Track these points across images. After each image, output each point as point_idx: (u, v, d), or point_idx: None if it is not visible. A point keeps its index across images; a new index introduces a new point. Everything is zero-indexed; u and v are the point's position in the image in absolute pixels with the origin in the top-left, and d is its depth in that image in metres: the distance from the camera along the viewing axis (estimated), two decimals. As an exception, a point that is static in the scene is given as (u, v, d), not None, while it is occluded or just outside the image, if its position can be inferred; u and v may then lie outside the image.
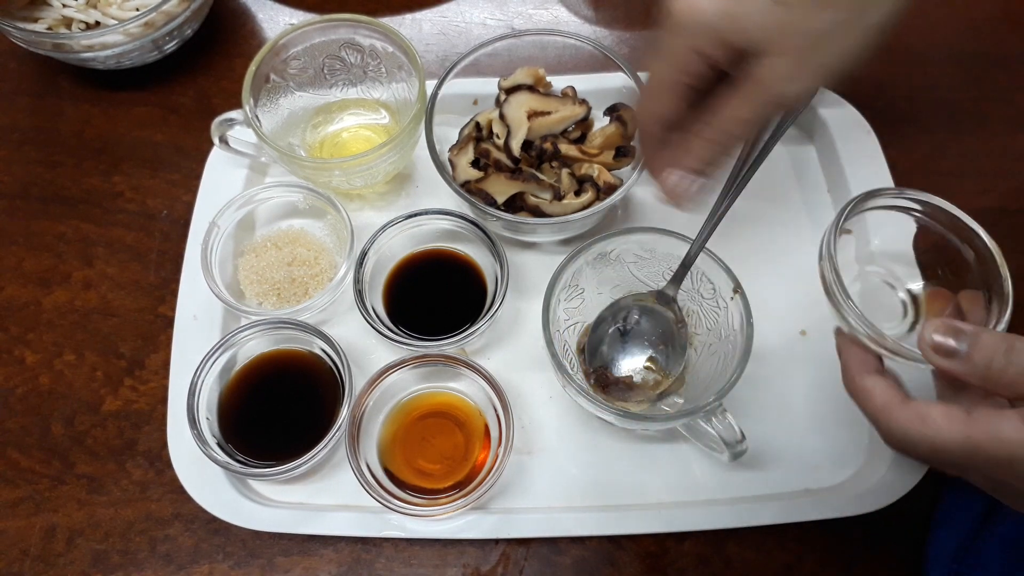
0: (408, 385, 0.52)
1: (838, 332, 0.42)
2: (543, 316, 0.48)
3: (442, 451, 0.51)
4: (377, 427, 0.51)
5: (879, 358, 0.40)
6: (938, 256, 0.47)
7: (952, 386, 0.40)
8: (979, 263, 0.45)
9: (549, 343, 0.47)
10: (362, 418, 0.49)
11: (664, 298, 0.52)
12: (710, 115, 0.39)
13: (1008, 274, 0.43)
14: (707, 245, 0.49)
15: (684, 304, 0.53)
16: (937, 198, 0.46)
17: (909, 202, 0.46)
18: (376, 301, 0.55)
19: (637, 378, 0.52)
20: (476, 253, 0.57)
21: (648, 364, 0.53)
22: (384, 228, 0.55)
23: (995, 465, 0.32)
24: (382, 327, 0.52)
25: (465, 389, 0.53)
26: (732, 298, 0.49)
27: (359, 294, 0.53)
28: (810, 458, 0.51)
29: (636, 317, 0.53)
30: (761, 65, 0.36)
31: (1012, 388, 0.33)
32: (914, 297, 0.48)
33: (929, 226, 0.46)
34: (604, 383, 0.52)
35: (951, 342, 0.35)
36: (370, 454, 0.50)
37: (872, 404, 0.37)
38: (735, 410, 0.46)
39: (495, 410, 0.50)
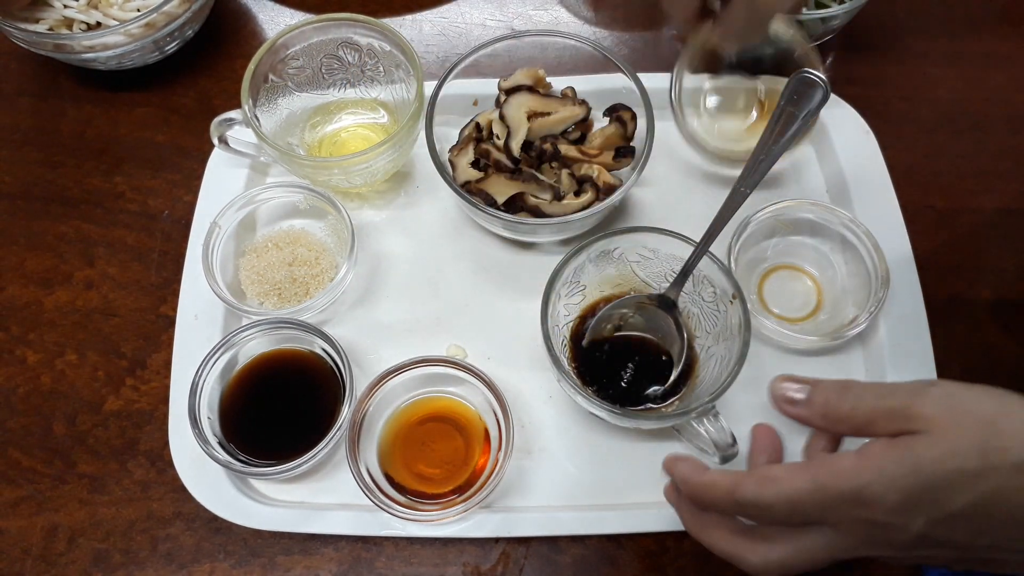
0: (408, 390, 0.53)
1: (666, 459, 0.43)
2: (542, 309, 0.48)
3: (442, 456, 0.51)
4: (377, 432, 0.52)
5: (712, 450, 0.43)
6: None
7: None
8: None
9: (546, 337, 0.47)
10: (362, 423, 0.50)
11: (665, 301, 0.52)
12: None
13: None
14: (709, 248, 0.50)
15: (685, 306, 0.53)
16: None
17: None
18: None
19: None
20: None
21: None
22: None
23: (846, 502, 0.34)
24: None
25: (465, 393, 0.53)
26: (731, 303, 0.49)
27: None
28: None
29: (635, 317, 0.54)
30: None
31: (849, 422, 0.36)
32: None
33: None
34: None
35: (794, 391, 0.38)
36: (370, 459, 0.50)
37: (718, 491, 0.37)
38: (731, 414, 0.46)
39: (495, 415, 0.50)
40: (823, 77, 0.51)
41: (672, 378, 0.52)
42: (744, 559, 0.37)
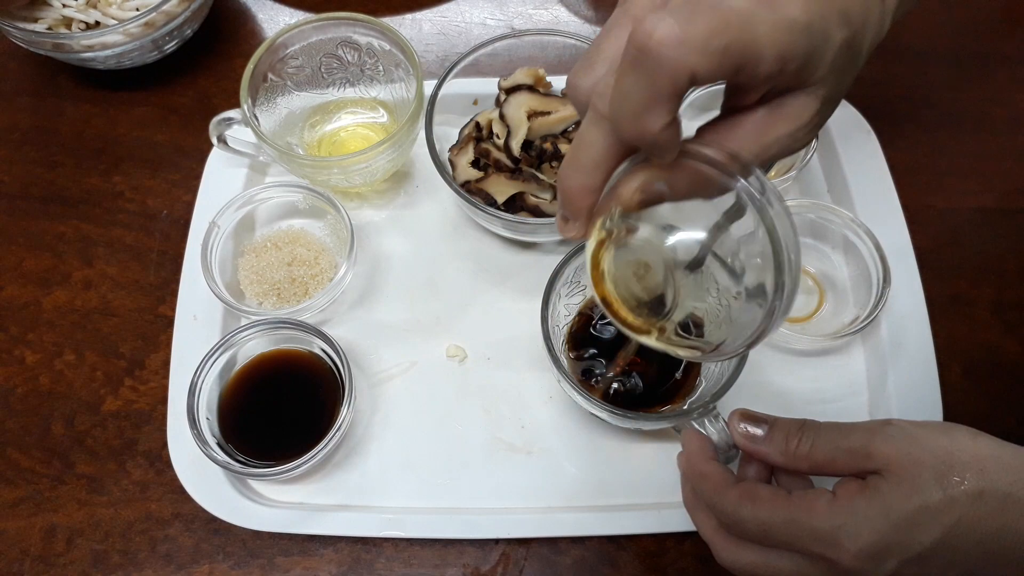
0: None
1: (685, 432, 0.45)
2: (542, 309, 0.48)
3: None
4: None
5: (715, 448, 0.44)
6: None
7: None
8: None
9: (547, 337, 0.47)
10: None
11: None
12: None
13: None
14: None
15: (684, 304, 0.53)
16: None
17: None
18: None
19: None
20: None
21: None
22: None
23: (818, 539, 0.35)
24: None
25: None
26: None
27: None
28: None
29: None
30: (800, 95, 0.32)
31: (810, 461, 0.38)
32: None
33: None
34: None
35: (753, 428, 0.40)
36: None
37: (708, 485, 0.40)
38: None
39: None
40: None
41: (673, 379, 0.52)
42: (717, 551, 0.40)
